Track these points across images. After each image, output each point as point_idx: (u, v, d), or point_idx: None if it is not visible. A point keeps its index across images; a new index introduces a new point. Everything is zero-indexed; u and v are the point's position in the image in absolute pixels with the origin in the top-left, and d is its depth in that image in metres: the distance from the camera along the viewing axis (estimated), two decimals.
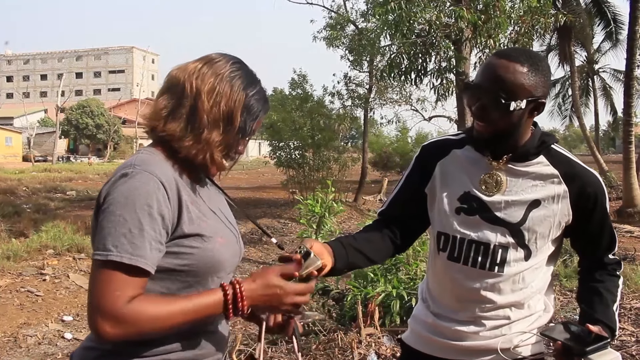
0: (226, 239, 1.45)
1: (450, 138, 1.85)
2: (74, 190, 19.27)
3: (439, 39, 10.74)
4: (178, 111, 1.38)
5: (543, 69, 1.62)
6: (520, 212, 1.68)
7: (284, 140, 17.18)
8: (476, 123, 1.67)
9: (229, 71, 1.42)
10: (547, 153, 1.70)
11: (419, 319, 1.88)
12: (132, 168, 1.31)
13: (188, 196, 1.38)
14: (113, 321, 1.22)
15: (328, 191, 6.31)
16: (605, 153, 44.80)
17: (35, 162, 40.01)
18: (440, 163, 1.80)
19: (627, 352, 4.33)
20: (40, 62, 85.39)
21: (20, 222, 11.64)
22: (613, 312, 1.71)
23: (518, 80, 1.57)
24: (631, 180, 14.75)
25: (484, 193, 1.70)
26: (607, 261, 1.77)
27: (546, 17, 10.60)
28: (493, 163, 1.70)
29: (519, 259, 1.69)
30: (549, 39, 25.93)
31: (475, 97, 1.63)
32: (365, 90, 19.39)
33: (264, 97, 1.48)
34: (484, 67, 1.66)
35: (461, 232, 1.72)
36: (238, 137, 1.43)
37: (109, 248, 1.24)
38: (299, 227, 11.36)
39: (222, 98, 1.38)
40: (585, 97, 32.99)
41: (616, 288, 1.75)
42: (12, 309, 6.60)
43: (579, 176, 1.69)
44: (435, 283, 1.85)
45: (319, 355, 4.16)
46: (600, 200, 1.70)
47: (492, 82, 1.58)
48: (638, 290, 5.94)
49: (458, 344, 1.75)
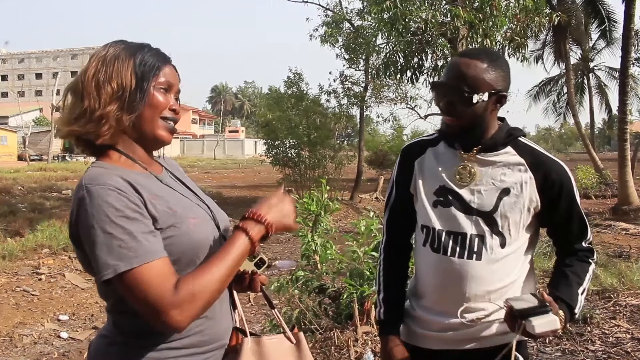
0: (199, 218, 1.48)
1: (425, 138, 1.99)
2: (69, 190, 19.19)
3: (435, 37, 10.76)
4: (73, 109, 1.42)
5: (501, 65, 1.77)
6: (492, 200, 1.78)
7: (279, 139, 17.17)
8: (445, 118, 1.80)
9: (111, 51, 1.44)
10: (515, 144, 1.82)
11: (409, 313, 1.97)
12: (84, 189, 1.32)
13: (147, 192, 1.38)
14: (177, 309, 1.26)
15: (323, 190, 6.31)
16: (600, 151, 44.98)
17: (31, 161, 39.90)
18: (417, 162, 1.93)
19: (622, 349, 4.35)
20: (35, 61, 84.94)
21: (15, 221, 11.59)
22: (576, 293, 1.78)
23: (479, 75, 1.71)
24: (626, 178, 14.79)
25: (458, 184, 1.81)
26: (578, 248, 1.87)
27: (541, 16, 10.62)
28: (464, 155, 1.82)
29: (495, 246, 1.78)
30: (544, 36, 25.99)
31: (442, 94, 1.78)
32: (361, 89, 19.37)
33: (159, 53, 1.50)
34: (448, 67, 1.82)
35: (440, 224, 1.83)
36: (138, 93, 1.42)
37: (114, 264, 1.26)
38: None
39: (109, 74, 1.41)
40: (580, 95, 33.03)
41: (584, 272, 1.83)
42: (8, 309, 6.59)
43: (544, 164, 1.79)
44: (421, 276, 1.93)
45: (315, 353, 4.16)
46: (566, 187, 1.80)
47: (455, 78, 1.73)
48: (633, 287, 5.96)
49: (443, 335, 1.83)
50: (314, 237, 5.32)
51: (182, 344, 1.41)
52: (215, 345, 1.48)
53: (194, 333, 1.42)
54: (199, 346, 1.44)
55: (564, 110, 34.60)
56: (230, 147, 63.89)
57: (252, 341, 1.48)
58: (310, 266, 5.35)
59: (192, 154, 57.47)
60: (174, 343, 1.40)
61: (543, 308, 1.58)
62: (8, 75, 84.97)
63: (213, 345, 1.47)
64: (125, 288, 1.28)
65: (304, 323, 4.56)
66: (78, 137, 1.44)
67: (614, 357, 4.25)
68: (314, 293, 5.02)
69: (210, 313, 1.45)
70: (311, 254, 5.33)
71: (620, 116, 15.86)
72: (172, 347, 1.40)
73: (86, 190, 1.32)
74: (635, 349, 4.36)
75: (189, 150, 59.71)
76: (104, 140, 1.42)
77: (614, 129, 26.92)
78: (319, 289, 5.03)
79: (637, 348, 4.39)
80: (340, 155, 18.19)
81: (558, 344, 4.50)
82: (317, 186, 7.09)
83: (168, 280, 1.29)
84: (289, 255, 10.06)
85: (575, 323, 4.86)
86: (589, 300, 5.71)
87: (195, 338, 1.43)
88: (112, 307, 1.44)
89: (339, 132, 21.47)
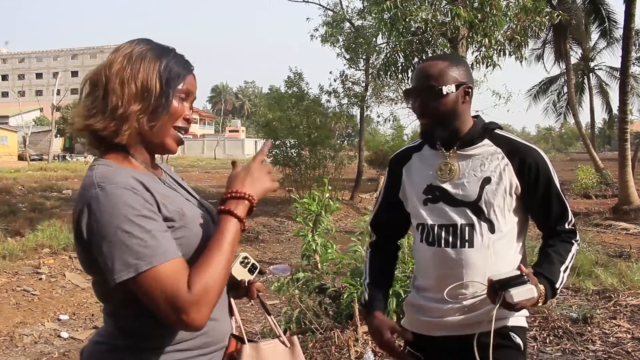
0: (204, 220, 1.48)
1: (410, 146, 2.13)
2: (69, 189, 19.21)
3: (435, 37, 10.75)
4: (94, 103, 1.40)
5: (461, 62, 1.95)
6: (475, 190, 1.89)
7: (280, 139, 17.14)
8: (421, 122, 1.95)
9: (137, 48, 1.43)
10: (491, 136, 1.95)
11: (410, 303, 2.09)
12: (98, 187, 1.30)
13: (158, 193, 1.37)
14: (195, 307, 1.26)
15: (324, 189, 6.31)
16: (601, 151, 44.95)
17: (31, 161, 39.90)
18: (405, 168, 2.07)
19: (623, 349, 4.35)
20: (35, 61, 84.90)
21: (16, 221, 11.61)
22: (558, 270, 1.86)
23: (443, 71, 1.86)
24: (627, 178, 14.78)
25: (441, 180, 1.94)
26: (560, 229, 1.94)
27: (541, 16, 10.61)
28: (445, 153, 1.95)
29: (485, 232, 1.88)
30: (544, 36, 25.98)
31: (414, 97, 1.93)
32: (362, 89, 19.37)
33: (183, 60, 1.49)
34: (415, 74, 1.96)
35: (431, 219, 1.94)
36: (162, 100, 1.41)
37: (134, 263, 1.25)
38: (295, 225, 11.37)
39: (134, 73, 1.39)
40: (580, 94, 33.01)
41: (566, 252, 1.91)
42: (8, 308, 6.59)
43: (519, 150, 1.91)
44: (421, 270, 2.05)
45: (315, 353, 4.17)
46: (542, 170, 1.90)
47: (422, 79, 1.89)
48: (634, 287, 5.96)
49: (442, 321, 1.93)
50: (314, 237, 5.32)
51: (189, 346, 1.40)
52: (218, 347, 1.48)
53: (200, 334, 1.41)
54: (203, 347, 1.43)
55: (564, 110, 34.58)
56: (230, 146, 63.87)
57: (250, 347, 1.50)
58: (310, 266, 5.35)
59: (192, 154, 57.44)
60: (182, 345, 1.39)
61: (520, 279, 1.68)
62: (8, 75, 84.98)
63: (216, 347, 1.47)
64: (144, 287, 1.26)
65: (304, 323, 4.57)
66: (92, 132, 1.42)
67: (614, 357, 4.25)
68: (314, 293, 5.02)
69: (214, 314, 1.44)
70: (311, 254, 5.33)
71: (620, 116, 15.85)
72: (180, 349, 1.39)
73: (99, 188, 1.29)
74: (636, 349, 4.36)
75: (189, 150, 59.67)
76: (121, 140, 1.40)
77: (614, 129, 26.89)
78: (320, 288, 5.03)
79: (638, 348, 4.39)
80: (341, 155, 18.19)
81: (558, 344, 4.50)
82: (318, 186, 7.10)
83: (183, 279, 1.28)
84: (289, 255, 10.06)
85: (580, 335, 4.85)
86: (589, 300, 5.72)
87: (201, 339, 1.42)
88: (114, 309, 1.41)
89: (340, 132, 21.45)
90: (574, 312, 5.08)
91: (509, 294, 1.65)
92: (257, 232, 12.51)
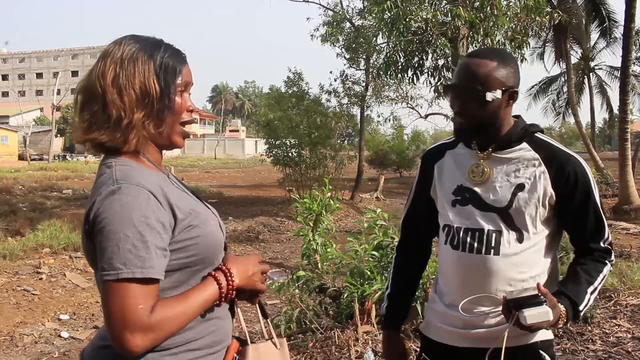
0: (215, 220, 1.49)
1: (444, 142, 2.04)
2: (70, 189, 19.22)
3: (436, 37, 10.75)
4: (94, 117, 1.37)
5: (511, 62, 1.81)
6: (507, 196, 1.79)
7: (280, 139, 17.13)
8: (459, 120, 1.84)
9: (127, 51, 1.39)
10: (530, 140, 1.84)
11: (432, 309, 1.99)
12: (117, 184, 1.30)
13: (173, 195, 1.38)
14: (142, 333, 1.24)
15: (325, 189, 6.31)
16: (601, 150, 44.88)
17: (31, 160, 39.90)
18: (437, 165, 1.97)
19: (623, 349, 4.35)
20: (35, 61, 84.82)
21: (16, 221, 11.61)
22: (584, 291, 1.75)
23: (491, 73, 1.74)
24: (627, 178, 14.78)
25: (472, 183, 1.85)
26: (594, 247, 1.83)
27: (542, 16, 10.61)
28: (479, 154, 1.85)
29: (513, 240, 1.79)
30: (545, 35, 25.96)
31: (455, 95, 1.81)
32: (362, 88, 19.36)
33: (175, 51, 1.46)
34: (459, 68, 1.83)
35: (458, 222, 1.85)
36: (165, 101, 1.40)
37: (117, 267, 1.24)
38: (295, 225, 11.36)
39: (130, 79, 1.36)
40: (579, 94, 32.99)
41: (597, 272, 1.80)
42: (9, 308, 6.59)
43: (558, 157, 1.80)
44: (444, 274, 1.95)
45: (315, 352, 4.16)
46: (581, 181, 1.78)
47: (467, 79, 1.76)
48: (634, 287, 5.95)
49: (467, 332, 1.83)
50: (314, 237, 5.32)
51: (199, 345, 1.40)
52: (223, 345, 1.49)
53: (209, 333, 1.42)
54: (212, 346, 1.44)
55: (564, 109, 34.58)
56: (230, 146, 63.88)
57: (252, 349, 1.54)
58: (310, 265, 5.35)
59: (192, 154, 57.44)
60: (191, 344, 1.38)
61: (536, 299, 1.58)
62: (9, 75, 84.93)
63: (221, 345, 1.48)
64: (110, 293, 1.25)
65: (304, 322, 4.57)
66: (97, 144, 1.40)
67: (614, 357, 4.25)
68: (314, 292, 5.02)
69: (221, 313, 1.47)
70: (312, 254, 5.33)
71: (621, 115, 15.85)
72: (189, 348, 1.38)
73: (118, 185, 1.29)
74: (636, 349, 4.35)
75: (190, 150, 59.65)
76: (129, 148, 1.38)
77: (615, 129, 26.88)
78: (320, 288, 5.03)
79: (638, 348, 4.38)
80: (341, 155, 18.17)
81: (559, 344, 4.50)
82: (319, 185, 7.10)
83: (150, 302, 1.26)
84: (289, 255, 10.06)
85: (577, 322, 4.85)
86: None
87: (210, 338, 1.43)
88: None
89: (340, 132, 21.42)
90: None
91: (522, 315, 1.57)
92: (257, 231, 12.51)
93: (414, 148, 31.02)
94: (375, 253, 4.80)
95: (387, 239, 4.78)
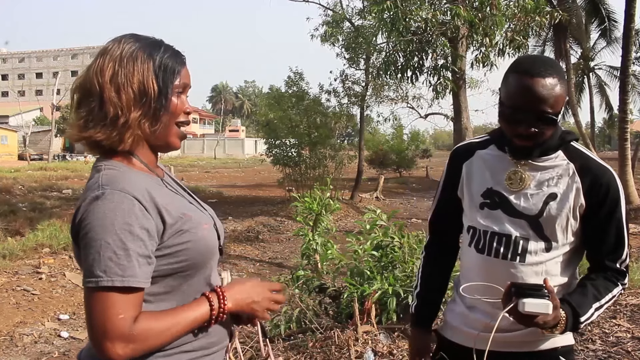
0: (208, 224, 1.47)
1: (474, 141, 1.99)
2: (70, 189, 19.20)
3: (435, 36, 10.76)
4: (91, 115, 1.35)
5: (562, 72, 1.74)
6: (538, 204, 1.77)
7: (280, 138, 17.14)
8: (525, 144, 1.74)
9: (126, 49, 1.38)
10: (566, 149, 1.80)
11: (452, 310, 1.98)
12: (101, 189, 1.29)
13: (163, 199, 1.36)
14: (123, 343, 1.23)
15: (326, 188, 6.32)
16: (600, 150, 44.93)
17: (31, 160, 39.86)
18: (465, 164, 1.93)
19: (623, 349, 4.35)
20: (35, 61, 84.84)
21: (16, 220, 11.60)
22: (588, 304, 1.72)
23: (558, 94, 1.67)
24: (626, 178, 14.79)
25: (507, 189, 1.80)
26: (609, 265, 1.79)
27: (541, 16, 10.61)
28: (513, 160, 1.81)
29: (540, 249, 1.77)
30: (544, 35, 25.96)
31: (524, 121, 1.68)
32: (362, 88, 19.36)
33: (174, 52, 1.45)
34: (522, 89, 1.68)
35: (485, 225, 1.82)
36: (162, 101, 1.39)
37: (98, 274, 1.23)
38: (295, 225, 11.36)
39: (128, 77, 1.35)
40: (579, 94, 33.00)
41: (606, 290, 1.77)
42: (8, 308, 6.59)
43: (593, 169, 1.77)
44: (466, 276, 1.92)
45: (315, 352, 4.16)
46: (612, 193, 1.76)
47: (538, 103, 1.66)
48: (634, 287, 5.95)
49: (484, 335, 1.78)
50: (314, 236, 5.33)
51: (193, 347, 1.40)
52: (220, 347, 1.48)
53: (204, 335, 1.41)
54: (207, 347, 1.43)
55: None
56: (230, 146, 63.88)
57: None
58: (310, 265, 5.36)
59: (192, 154, 57.46)
60: (186, 346, 1.38)
61: (540, 291, 1.57)
62: (8, 75, 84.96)
63: (219, 347, 1.48)
64: (91, 301, 1.24)
65: (304, 322, 4.57)
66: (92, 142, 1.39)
67: (614, 357, 4.25)
68: (314, 292, 5.03)
69: None
70: (312, 253, 5.33)
71: (620, 115, 15.85)
72: (184, 350, 1.38)
73: (102, 190, 1.28)
74: (636, 349, 4.36)
75: (189, 150, 59.67)
76: (124, 147, 1.37)
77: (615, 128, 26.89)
78: (320, 288, 5.03)
79: (638, 347, 4.39)
80: (341, 155, 18.16)
81: None
82: (320, 184, 7.10)
83: (132, 312, 1.25)
84: (289, 254, 10.06)
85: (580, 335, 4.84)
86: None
87: (206, 340, 1.42)
88: None
89: (340, 132, 21.41)
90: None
91: (521, 302, 1.55)
92: (257, 231, 12.51)
93: (413, 148, 31.03)
94: (375, 253, 4.80)
95: (387, 239, 4.78)
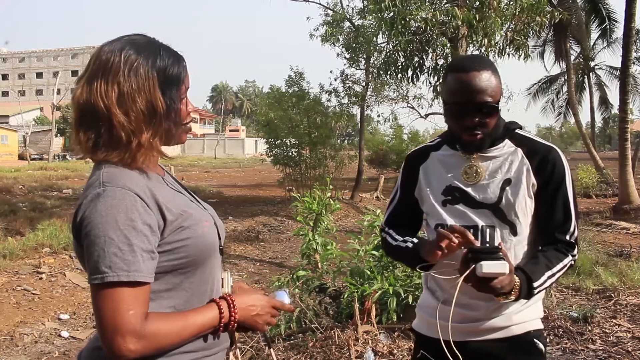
0: (209, 221, 1.47)
1: (428, 144, 2.07)
2: (70, 189, 19.20)
3: (435, 36, 10.76)
4: (100, 138, 1.33)
5: (493, 66, 1.84)
6: (496, 192, 1.85)
7: (280, 138, 17.14)
8: (477, 137, 1.82)
9: (128, 65, 1.34)
10: (512, 137, 1.91)
11: (424, 305, 2.02)
12: (102, 186, 1.29)
13: (163, 196, 1.36)
14: (135, 339, 1.22)
15: (326, 188, 6.32)
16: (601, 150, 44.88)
17: (31, 160, 39.86)
18: (422, 167, 2.01)
19: (623, 349, 4.35)
20: (35, 60, 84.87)
21: (16, 220, 11.60)
22: (541, 271, 1.77)
23: (494, 84, 1.78)
24: (627, 177, 14.77)
25: (465, 183, 1.89)
26: (559, 238, 1.86)
27: (541, 15, 10.61)
28: (467, 155, 1.90)
29: (507, 234, 1.84)
30: (545, 34, 25.97)
31: (468, 114, 1.78)
32: (362, 88, 19.36)
33: (175, 57, 1.42)
34: (461, 85, 1.78)
35: (451, 221, 1.88)
36: (172, 116, 1.39)
37: (103, 270, 1.23)
38: (295, 225, 11.36)
39: (133, 95, 1.33)
40: (580, 94, 33.01)
41: (557, 260, 1.82)
42: (9, 308, 6.59)
43: (539, 149, 1.87)
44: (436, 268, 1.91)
45: (315, 352, 4.17)
46: (557, 171, 1.85)
47: (477, 94, 1.76)
48: (634, 287, 5.96)
49: (460, 326, 1.85)
50: (314, 236, 5.33)
51: (195, 347, 1.39)
52: (222, 347, 1.48)
53: (204, 335, 1.41)
54: (209, 348, 1.43)
55: (564, 109, 34.61)
56: (230, 146, 63.91)
57: None
58: (310, 265, 5.36)
59: (192, 153, 57.44)
60: (187, 346, 1.38)
61: (496, 253, 1.62)
62: (9, 75, 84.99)
63: (220, 347, 1.48)
64: (99, 298, 1.24)
65: (304, 322, 4.57)
66: None
67: (614, 357, 4.25)
68: (314, 292, 5.03)
69: None
70: (312, 253, 5.34)
71: (621, 115, 15.83)
72: (185, 350, 1.37)
73: (104, 187, 1.28)
74: (636, 348, 4.36)
75: (190, 149, 59.67)
76: (137, 165, 1.36)
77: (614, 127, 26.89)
78: (320, 288, 5.04)
79: (638, 347, 4.39)
80: (341, 155, 18.17)
81: (559, 343, 4.50)
82: (320, 184, 7.10)
83: (141, 308, 1.25)
84: (289, 254, 10.06)
85: (580, 335, 4.83)
86: (589, 300, 5.72)
87: (206, 340, 1.42)
88: None
89: (340, 132, 21.43)
90: (574, 312, 5.08)
91: (479, 265, 1.60)
92: (257, 231, 12.50)
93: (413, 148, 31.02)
94: (376, 253, 4.81)
95: None
